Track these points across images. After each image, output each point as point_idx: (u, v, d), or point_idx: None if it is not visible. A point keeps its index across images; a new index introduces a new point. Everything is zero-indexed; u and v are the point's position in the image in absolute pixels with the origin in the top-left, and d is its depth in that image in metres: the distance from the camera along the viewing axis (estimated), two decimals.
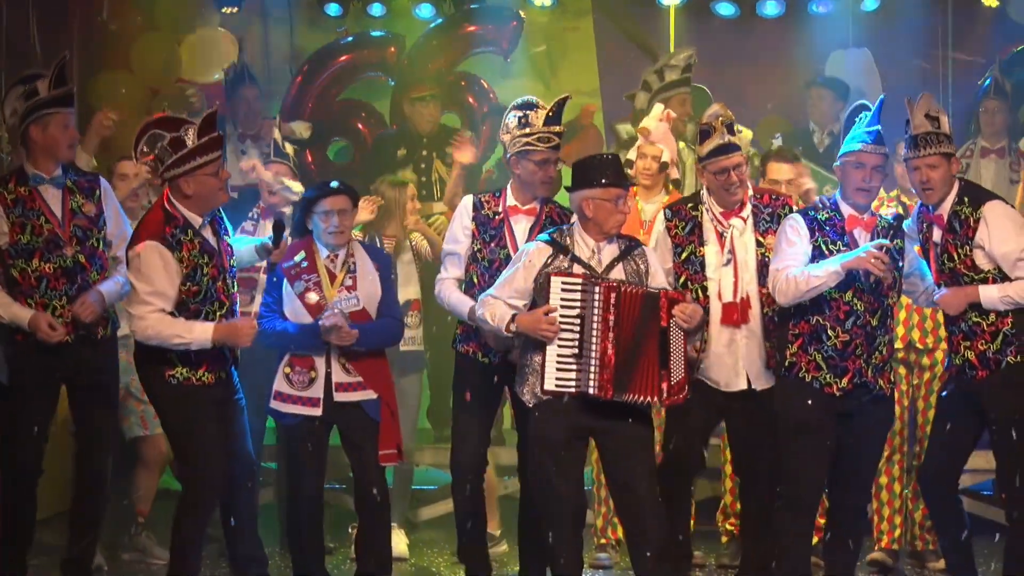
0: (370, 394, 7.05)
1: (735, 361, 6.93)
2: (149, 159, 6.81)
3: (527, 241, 7.05)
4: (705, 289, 6.95)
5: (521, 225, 7.15)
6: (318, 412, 7.01)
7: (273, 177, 8.18)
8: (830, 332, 6.70)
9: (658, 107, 8.52)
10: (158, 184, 7.55)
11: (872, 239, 6.76)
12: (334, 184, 7.15)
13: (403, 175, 8.78)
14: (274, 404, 7.04)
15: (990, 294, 6.70)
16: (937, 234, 6.84)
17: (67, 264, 7.08)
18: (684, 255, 7.01)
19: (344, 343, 6.94)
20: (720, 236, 7.00)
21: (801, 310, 6.72)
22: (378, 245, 8.03)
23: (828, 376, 6.70)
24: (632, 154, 8.24)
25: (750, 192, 7.09)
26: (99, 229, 7.15)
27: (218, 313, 6.80)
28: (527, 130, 7.06)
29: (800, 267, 6.68)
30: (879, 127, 6.82)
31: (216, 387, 6.81)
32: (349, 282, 7.08)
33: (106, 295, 7.09)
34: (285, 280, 7.03)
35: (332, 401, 7.01)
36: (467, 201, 7.25)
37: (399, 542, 8.40)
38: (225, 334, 6.70)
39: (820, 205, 6.88)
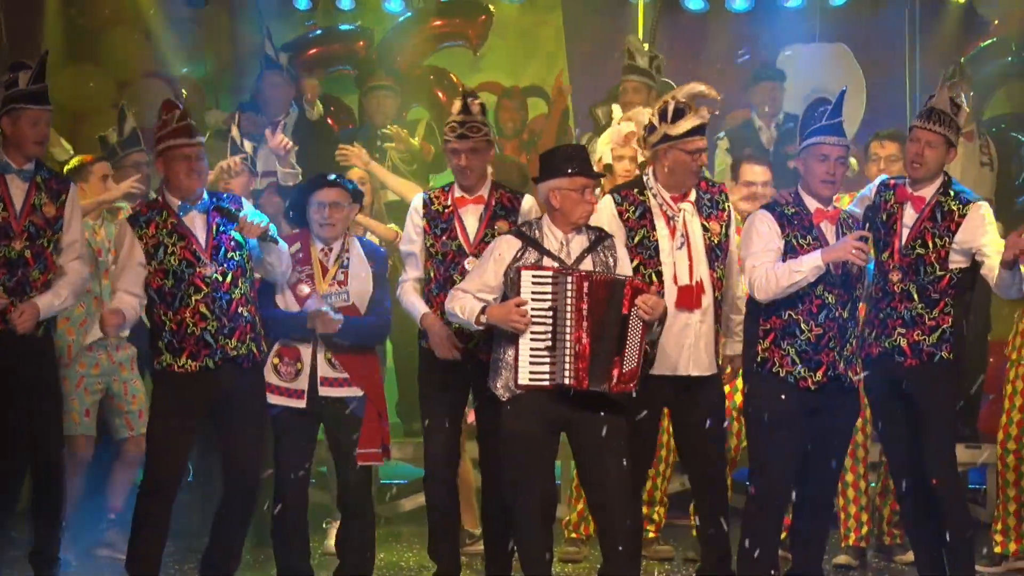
0: (355, 391, 7.06)
1: (690, 344, 6.89)
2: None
3: (478, 229, 7.11)
4: (660, 274, 6.91)
5: (470, 215, 7.18)
6: (302, 404, 7.02)
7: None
8: (803, 326, 6.71)
9: (616, 108, 8.52)
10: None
11: (838, 231, 6.78)
12: (331, 176, 7.21)
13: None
14: None
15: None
16: (910, 216, 6.83)
17: (12, 256, 7.04)
18: (637, 239, 6.94)
19: (328, 330, 6.94)
20: (669, 220, 6.94)
21: (773, 305, 6.72)
22: None
23: (803, 370, 6.72)
24: (608, 157, 8.26)
25: None
26: (53, 232, 7.12)
27: (194, 298, 6.80)
28: (448, 120, 7.19)
29: (775, 263, 6.69)
30: (841, 119, 6.82)
31: (201, 378, 6.82)
32: (341, 277, 7.09)
33: (42, 309, 7.04)
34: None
35: (316, 395, 7.02)
36: (417, 200, 7.29)
37: None
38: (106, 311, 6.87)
39: (783, 200, 6.89)
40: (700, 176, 6.99)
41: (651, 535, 8.09)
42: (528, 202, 7.27)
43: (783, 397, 6.71)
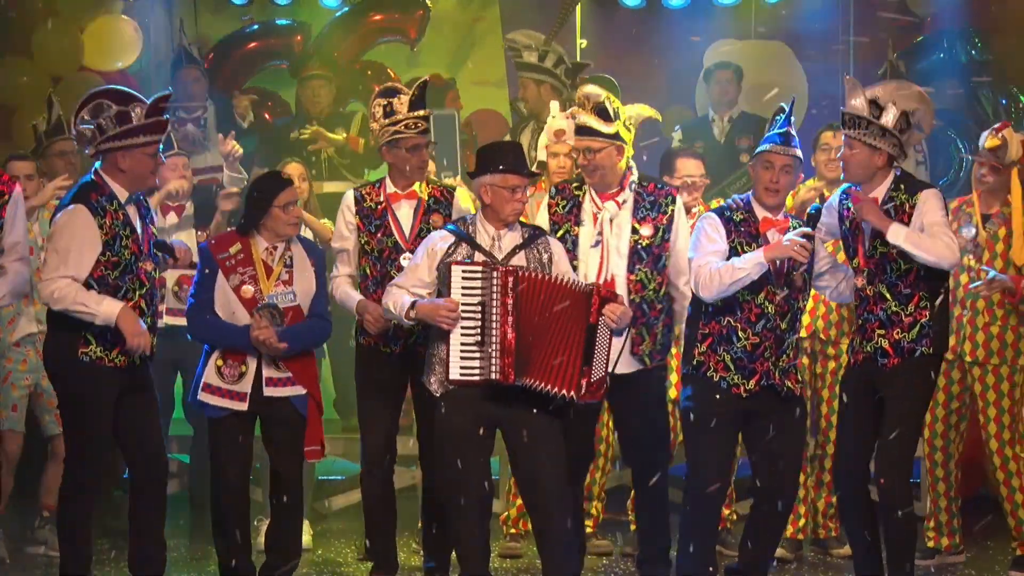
0: (299, 389, 7.01)
1: None
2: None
3: (412, 224, 7.13)
4: (575, 269, 6.99)
5: (404, 210, 7.19)
6: (243, 407, 6.94)
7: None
8: (740, 334, 6.74)
9: (555, 105, 8.53)
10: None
11: None
12: (285, 175, 7.19)
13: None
14: (202, 396, 6.95)
15: (897, 229, 6.66)
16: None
17: None
18: (560, 233, 7.06)
19: (274, 354, 6.89)
20: (596, 217, 7.06)
21: (712, 311, 6.77)
22: None
23: (736, 377, 6.75)
24: (542, 155, 8.28)
25: (634, 177, 7.14)
26: None
27: (137, 292, 6.70)
28: (394, 118, 7.12)
29: (721, 263, 6.71)
30: (789, 128, 6.86)
31: (126, 372, 6.73)
32: (285, 276, 7.00)
33: None
34: (220, 272, 6.95)
35: (261, 396, 6.95)
36: (348, 197, 7.28)
37: (303, 533, 8.38)
38: (126, 323, 6.58)
39: (734, 205, 6.93)
40: (592, 174, 7.04)
41: (589, 530, 8.10)
42: (460, 195, 7.30)
43: (717, 397, 6.75)
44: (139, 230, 6.77)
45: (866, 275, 6.81)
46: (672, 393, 7.73)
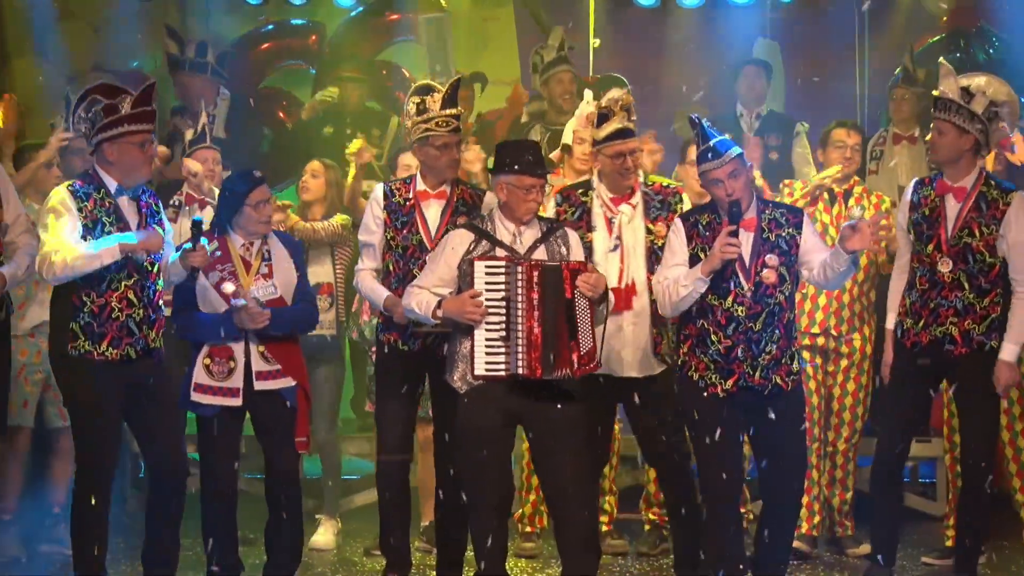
0: (288, 381, 7.00)
1: (622, 348, 6.94)
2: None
3: (439, 224, 7.12)
4: None
5: (432, 209, 7.18)
6: (238, 402, 6.94)
7: (200, 175, 8.17)
8: (713, 337, 6.71)
9: (588, 93, 8.52)
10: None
11: (755, 240, 6.72)
12: (258, 173, 7.14)
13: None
14: (195, 396, 6.94)
15: (1012, 354, 7.01)
16: (953, 207, 7.03)
17: None
18: None
19: (257, 325, 6.88)
20: (609, 222, 7.03)
21: (691, 313, 6.75)
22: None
23: (714, 377, 6.72)
24: (568, 138, 8.23)
25: (641, 179, 7.12)
26: None
27: (124, 283, 6.75)
28: (425, 115, 7.12)
29: (676, 276, 6.70)
30: (712, 140, 6.73)
31: (123, 367, 6.75)
32: (265, 270, 7.01)
33: (7, 277, 6.92)
34: (200, 271, 6.96)
35: (252, 390, 6.95)
36: (378, 190, 7.28)
37: (327, 532, 8.39)
38: (138, 239, 6.67)
39: (705, 206, 6.88)
40: (629, 177, 7.01)
41: (604, 528, 8.08)
42: (490, 199, 7.28)
43: (704, 396, 6.72)
44: (132, 222, 6.80)
45: (949, 259, 6.96)
46: None
